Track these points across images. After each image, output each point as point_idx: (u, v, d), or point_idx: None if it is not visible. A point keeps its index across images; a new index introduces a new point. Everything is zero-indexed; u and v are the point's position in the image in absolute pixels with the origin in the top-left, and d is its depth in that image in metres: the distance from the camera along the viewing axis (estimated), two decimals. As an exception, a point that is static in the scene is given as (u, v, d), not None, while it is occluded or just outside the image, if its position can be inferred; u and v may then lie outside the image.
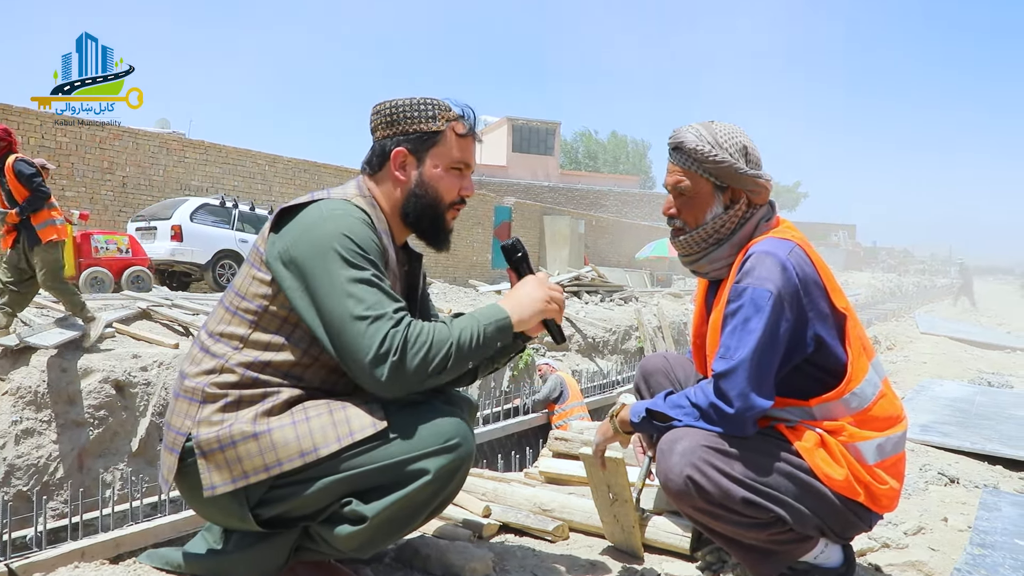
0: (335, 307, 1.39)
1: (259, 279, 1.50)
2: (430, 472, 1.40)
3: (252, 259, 1.54)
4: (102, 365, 5.75)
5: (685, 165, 1.63)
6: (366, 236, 1.46)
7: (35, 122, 11.49)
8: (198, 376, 1.48)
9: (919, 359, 7.38)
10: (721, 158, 1.59)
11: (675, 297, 16.57)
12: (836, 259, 42.64)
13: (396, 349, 1.37)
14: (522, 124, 35.06)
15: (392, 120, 1.60)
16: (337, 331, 1.39)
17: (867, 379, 1.56)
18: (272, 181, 15.84)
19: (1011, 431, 3.76)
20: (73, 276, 9.75)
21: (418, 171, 1.61)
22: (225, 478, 1.42)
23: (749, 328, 1.48)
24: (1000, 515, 2.43)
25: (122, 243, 10.41)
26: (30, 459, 5.19)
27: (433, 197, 1.62)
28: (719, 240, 1.65)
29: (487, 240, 21.80)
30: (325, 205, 1.50)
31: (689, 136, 1.62)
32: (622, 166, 46.97)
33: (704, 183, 1.63)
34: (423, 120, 1.59)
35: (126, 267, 10.26)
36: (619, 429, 1.72)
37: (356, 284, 1.40)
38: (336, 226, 1.44)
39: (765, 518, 1.48)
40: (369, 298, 1.39)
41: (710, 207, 1.64)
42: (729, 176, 1.61)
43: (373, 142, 1.65)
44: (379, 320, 1.38)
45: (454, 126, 1.61)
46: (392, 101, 1.61)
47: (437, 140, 1.60)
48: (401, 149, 1.59)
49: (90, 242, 10.04)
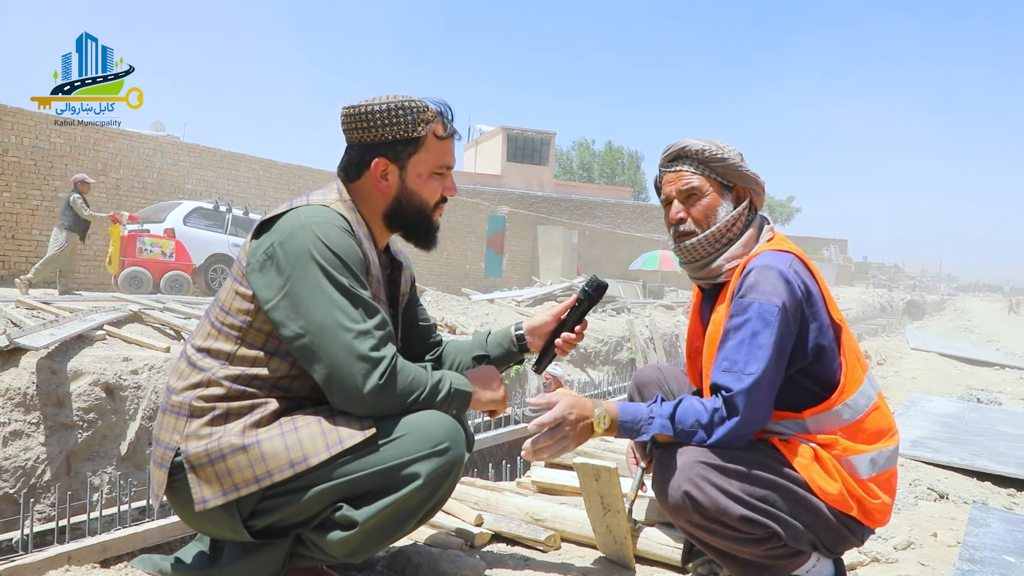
0: (314, 316, 1.39)
1: (242, 294, 1.49)
2: (421, 476, 1.40)
3: (235, 273, 1.53)
4: (92, 368, 5.72)
5: (692, 168, 1.67)
6: (346, 244, 1.45)
7: (29, 123, 11.44)
8: (185, 390, 1.47)
9: (909, 375, 7.42)
10: (726, 155, 1.65)
11: (667, 309, 16.60)
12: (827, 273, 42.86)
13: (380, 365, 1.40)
14: (517, 134, 35.14)
15: (368, 126, 1.53)
16: (317, 341, 1.39)
17: (861, 390, 1.57)
18: (266, 186, 15.81)
19: (1000, 447, 3.79)
20: (115, 272, 10.13)
21: (400, 179, 1.58)
22: (216, 492, 1.41)
23: (759, 343, 1.48)
24: (989, 531, 2.45)
25: (167, 247, 10.77)
26: (17, 461, 5.15)
27: (418, 203, 1.61)
28: (731, 240, 1.67)
29: (480, 249, 21.81)
30: (304, 212, 1.48)
31: (692, 141, 1.68)
32: (619, 178, 47.08)
33: (712, 183, 1.67)
34: (401, 126, 1.53)
35: (167, 271, 10.62)
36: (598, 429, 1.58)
37: (337, 294, 1.40)
38: (314, 234, 1.43)
39: (760, 534, 1.49)
40: (350, 310, 1.40)
41: (720, 205, 1.67)
42: (735, 174, 1.66)
43: (348, 145, 1.60)
44: (362, 336, 1.39)
45: (434, 129, 1.57)
46: (366, 105, 1.53)
47: (418, 147, 1.56)
48: (381, 159, 1.55)
49: (135, 243, 10.42)
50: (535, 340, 1.79)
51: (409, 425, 1.44)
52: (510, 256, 23.17)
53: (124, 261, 10.32)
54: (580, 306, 1.76)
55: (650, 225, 33.74)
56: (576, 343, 1.78)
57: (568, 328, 1.76)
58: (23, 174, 11.44)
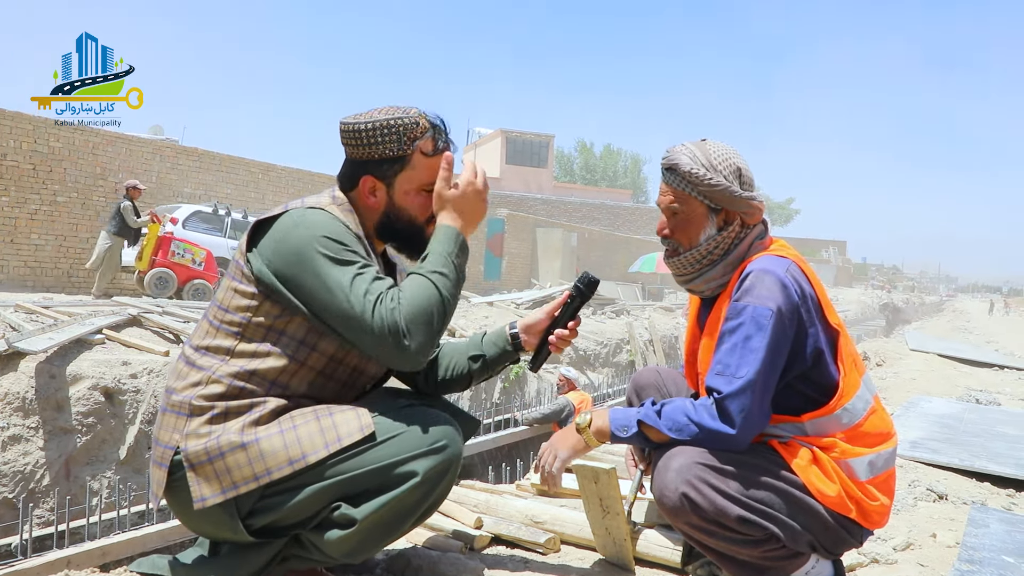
0: (336, 305, 1.40)
1: (241, 291, 1.50)
2: (419, 474, 1.41)
3: (233, 272, 1.54)
4: (91, 372, 5.72)
5: (679, 187, 1.63)
6: (342, 231, 1.47)
7: (28, 127, 11.45)
8: (185, 390, 1.48)
9: (908, 376, 7.43)
10: (715, 181, 1.59)
11: (666, 311, 16.62)
12: (826, 275, 42.92)
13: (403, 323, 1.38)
14: (516, 136, 35.19)
15: (357, 143, 1.55)
16: (348, 327, 1.41)
17: (858, 395, 1.57)
18: (265, 189, 15.82)
19: (999, 448, 3.79)
20: (143, 270, 10.40)
21: (388, 196, 1.59)
22: (215, 489, 1.42)
23: (751, 347, 1.48)
24: (988, 531, 2.45)
25: (199, 255, 10.99)
26: (16, 466, 5.14)
27: (407, 220, 1.62)
28: (713, 261, 1.65)
29: (479, 251, 21.81)
30: (296, 213, 1.50)
31: (683, 158, 1.62)
32: (620, 180, 47.10)
33: (698, 205, 1.63)
34: (387, 145, 1.54)
35: (194, 278, 10.82)
36: (592, 442, 1.66)
37: (348, 278, 1.41)
38: (310, 230, 1.45)
39: (759, 535, 1.49)
40: (361, 286, 1.40)
41: (704, 229, 1.64)
42: (723, 199, 1.61)
43: (345, 157, 1.62)
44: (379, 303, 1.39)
45: (422, 147, 1.57)
46: (355, 123, 1.55)
47: (404, 165, 1.57)
48: (368, 177, 1.57)
49: (170, 245, 10.65)
50: (530, 338, 1.79)
51: (406, 423, 1.45)
52: (509, 259, 23.18)
53: (155, 260, 10.49)
54: (573, 303, 1.77)
55: (649, 227, 33.77)
56: (570, 340, 1.78)
57: (562, 325, 1.77)
58: (22, 178, 11.46)
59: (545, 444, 1.73)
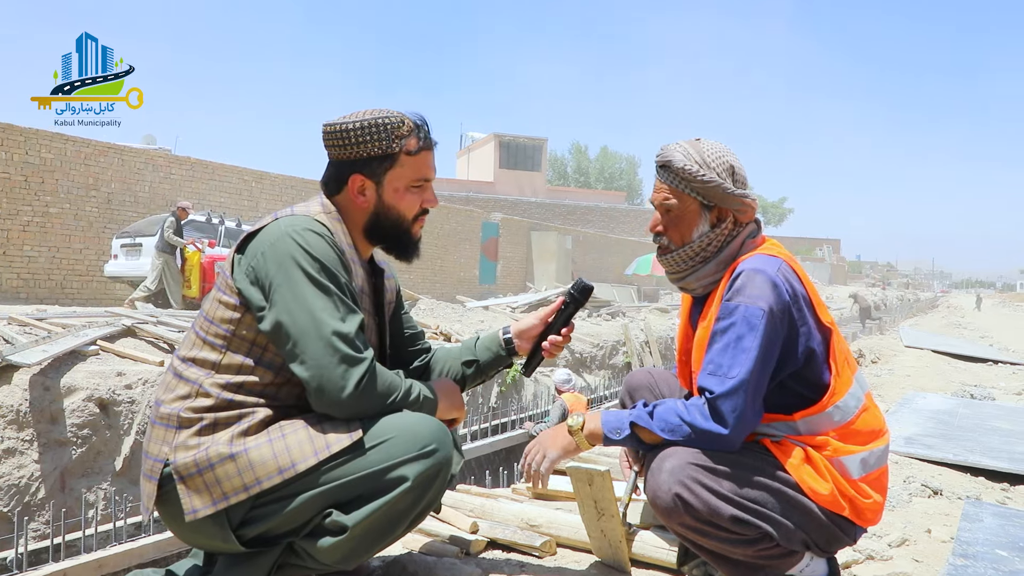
0: (297, 319, 1.42)
1: (225, 303, 1.51)
2: (409, 479, 1.42)
3: (219, 284, 1.55)
4: (86, 383, 5.69)
5: (672, 184, 1.64)
6: (325, 249, 1.48)
7: (19, 137, 11.41)
8: (173, 402, 1.48)
9: (903, 372, 7.46)
10: (708, 178, 1.60)
11: (662, 312, 16.64)
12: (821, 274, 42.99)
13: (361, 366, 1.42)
14: (509, 140, 35.23)
15: (344, 143, 1.56)
16: (301, 343, 1.42)
17: (850, 392, 1.58)
18: (259, 198, 15.79)
19: (993, 443, 3.81)
20: (196, 297, 10.66)
21: (377, 194, 1.61)
22: (206, 501, 1.42)
23: (743, 346, 1.49)
24: (982, 526, 2.46)
25: None
26: (11, 479, 5.12)
27: (396, 217, 1.63)
28: (705, 259, 1.66)
29: (474, 256, 21.81)
30: (285, 222, 1.51)
31: (677, 155, 1.63)
32: (616, 182, 47.14)
33: (691, 202, 1.64)
34: (373, 144, 1.56)
35: None
36: (584, 445, 1.66)
37: (317, 298, 1.42)
38: (294, 241, 1.46)
39: (752, 534, 1.49)
40: (331, 312, 1.42)
41: (696, 226, 1.65)
42: (716, 196, 1.62)
43: (328, 161, 1.64)
44: (343, 338, 1.41)
45: (408, 144, 1.59)
46: (341, 124, 1.56)
47: (392, 163, 1.59)
48: (358, 176, 1.59)
49: (213, 269, 10.85)
50: (523, 343, 1.80)
51: (396, 428, 1.45)
52: (504, 262, 23.19)
53: (205, 287, 10.73)
54: (566, 309, 1.78)
55: (644, 229, 33.79)
56: (563, 345, 1.79)
57: (555, 331, 1.78)
58: (13, 189, 11.41)
59: (533, 441, 1.73)
